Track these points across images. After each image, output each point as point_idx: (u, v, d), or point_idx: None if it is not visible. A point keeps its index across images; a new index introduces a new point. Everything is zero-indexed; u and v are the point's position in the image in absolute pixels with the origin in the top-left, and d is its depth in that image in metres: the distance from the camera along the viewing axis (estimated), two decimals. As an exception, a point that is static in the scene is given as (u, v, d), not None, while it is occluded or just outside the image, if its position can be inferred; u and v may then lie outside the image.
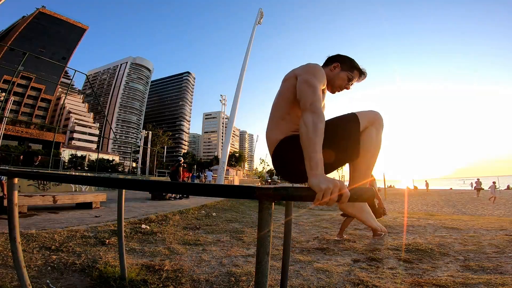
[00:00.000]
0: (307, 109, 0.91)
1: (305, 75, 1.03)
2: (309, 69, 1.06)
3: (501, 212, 10.25)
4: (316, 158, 0.80)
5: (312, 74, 1.03)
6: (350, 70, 1.23)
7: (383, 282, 2.08)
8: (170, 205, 6.67)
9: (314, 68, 1.07)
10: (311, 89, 0.96)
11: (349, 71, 1.23)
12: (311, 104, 0.91)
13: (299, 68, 1.12)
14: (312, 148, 0.81)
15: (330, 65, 1.25)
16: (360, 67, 1.25)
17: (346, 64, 1.23)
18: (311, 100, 0.92)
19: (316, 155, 0.80)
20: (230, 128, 17.27)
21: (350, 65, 1.24)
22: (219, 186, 0.79)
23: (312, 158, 0.80)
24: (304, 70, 1.08)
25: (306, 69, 1.07)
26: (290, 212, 1.47)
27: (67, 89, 48.34)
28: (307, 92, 0.96)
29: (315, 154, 0.80)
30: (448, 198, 17.96)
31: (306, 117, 0.88)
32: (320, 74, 1.06)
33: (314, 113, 0.88)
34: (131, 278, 1.94)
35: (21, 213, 4.24)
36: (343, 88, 1.26)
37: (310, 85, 0.98)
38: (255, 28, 20.35)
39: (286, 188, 0.73)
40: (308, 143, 0.82)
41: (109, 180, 1.40)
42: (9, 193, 1.29)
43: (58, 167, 24.84)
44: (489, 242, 3.37)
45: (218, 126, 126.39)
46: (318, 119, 0.87)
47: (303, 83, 1.01)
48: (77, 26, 71.38)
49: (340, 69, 1.23)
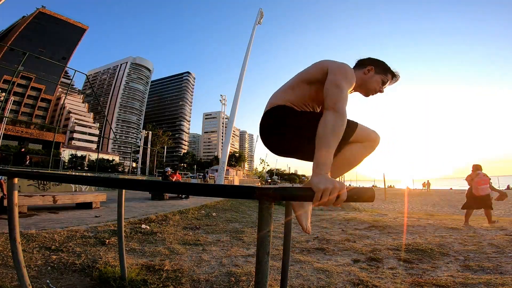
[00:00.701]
0: (331, 108, 0.90)
1: (337, 75, 1.02)
2: (342, 70, 1.05)
3: (501, 212, 10.24)
4: (326, 158, 0.79)
5: (344, 76, 1.02)
6: (383, 73, 1.23)
7: (383, 282, 2.08)
8: (170, 205, 6.68)
9: (346, 70, 1.05)
10: (338, 90, 0.96)
11: (383, 74, 1.23)
12: (335, 103, 0.91)
13: (333, 64, 1.09)
14: (326, 147, 0.81)
15: (363, 69, 1.23)
16: (393, 70, 1.25)
17: (380, 67, 1.23)
18: (335, 100, 0.92)
19: (328, 155, 0.80)
20: (230, 128, 17.26)
21: (384, 68, 1.23)
22: (219, 186, 0.79)
23: (322, 157, 0.79)
24: (337, 69, 1.05)
25: (339, 69, 1.05)
26: (290, 212, 1.47)
27: (67, 89, 48.41)
28: (334, 92, 0.95)
29: (327, 154, 0.80)
30: (448, 198, 17.95)
31: (329, 116, 0.87)
32: (351, 76, 1.05)
33: (337, 113, 0.88)
34: (131, 278, 1.94)
35: (21, 213, 4.24)
36: (377, 91, 1.25)
37: (338, 85, 0.97)
38: (255, 28, 20.34)
39: (286, 188, 0.73)
40: (324, 142, 0.82)
41: (109, 180, 1.40)
42: (9, 193, 1.29)
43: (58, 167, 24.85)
44: (489, 242, 3.37)
45: (218, 126, 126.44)
46: (340, 120, 0.87)
47: (332, 82, 0.99)
48: (77, 26, 71.38)
49: (374, 72, 1.22)
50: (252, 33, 19.95)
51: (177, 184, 0.88)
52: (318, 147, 0.82)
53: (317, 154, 0.81)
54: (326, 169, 0.78)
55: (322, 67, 1.10)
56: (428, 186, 28.05)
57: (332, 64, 1.09)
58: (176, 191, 0.94)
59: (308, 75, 1.14)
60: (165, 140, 63.34)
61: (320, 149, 0.81)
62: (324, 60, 1.14)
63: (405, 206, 13.25)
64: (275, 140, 1.14)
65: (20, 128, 40.68)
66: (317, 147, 0.83)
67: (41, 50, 59.30)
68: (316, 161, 0.79)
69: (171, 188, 1.02)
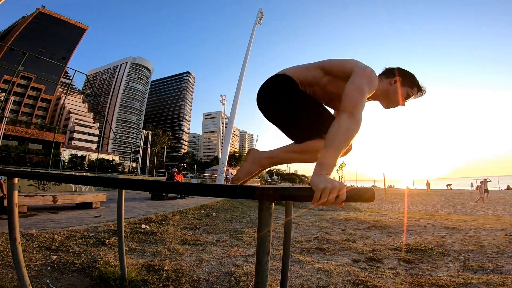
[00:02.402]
0: (348, 112, 0.88)
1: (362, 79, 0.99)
2: (367, 75, 1.01)
3: (501, 212, 10.25)
4: (332, 160, 0.78)
5: (369, 82, 0.99)
6: (410, 87, 1.18)
7: (383, 282, 2.08)
8: (170, 205, 6.67)
9: (371, 76, 1.02)
10: (360, 95, 0.93)
11: (409, 87, 1.18)
12: (354, 107, 0.89)
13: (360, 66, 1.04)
14: (334, 149, 0.80)
15: (390, 79, 1.19)
16: (420, 85, 1.20)
17: (407, 80, 1.18)
18: (355, 104, 0.90)
19: (334, 157, 0.79)
20: (230, 128, 17.26)
21: (411, 81, 1.18)
22: (219, 186, 0.79)
23: (328, 157, 0.78)
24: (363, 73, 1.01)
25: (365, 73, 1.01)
26: (290, 212, 1.47)
27: (67, 89, 48.29)
28: (355, 96, 0.93)
29: (334, 156, 0.79)
30: (448, 198, 17.95)
31: (344, 119, 0.86)
32: (374, 84, 1.02)
33: (353, 118, 0.86)
34: (131, 278, 1.94)
35: (21, 213, 4.24)
36: (399, 104, 1.20)
37: (360, 90, 0.95)
38: (255, 28, 20.34)
39: (286, 188, 0.73)
40: (334, 143, 0.80)
41: (109, 180, 1.40)
42: (9, 193, 1.29)
43: (58, 167, 24.84)
44: (489, 242, 3.37)
45: (218, 126, 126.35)
46: (355, 125, 0.85)
47: (356, 85, 0.96)
48: (77, 26, 71.35)
49: (400, 84, 1.17)
50: (252, 33, 19.96)
51: (177, 184, 0.88)
52: (328, 146, 0.80)
53: (323, 153, 0.79)
54: (328, 170, 0.77)
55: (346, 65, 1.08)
56: (428, 186, 28.02)
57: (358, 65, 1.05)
58: (176, 191, 0.94)
59: (330, 65, 1.13)
60: (165, 140, 63.31)
61: (329, 149, 0.79)
62: (350, 59, 1.11)
63: (405, 206, 13.25)
64: (269, 105, 1.15)
65: (20, 128, 40.66)
66: (326, 147, 0.81)
67: (41, 50, 59.29)
68: (321, 160, 0.78)
69: (171, 188, 1.02)
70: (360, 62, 1.08)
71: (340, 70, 1.09)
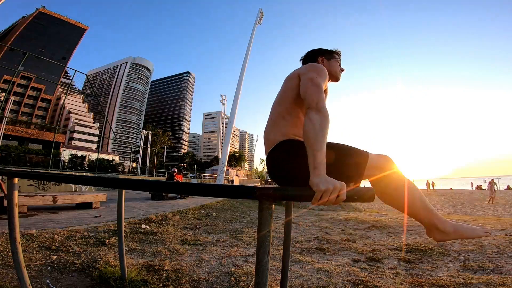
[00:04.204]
0: (314, 108, 0.90)
1: (310, 73, 1.03)
2: (314, 68, 1.06)
3: (501, 212, 10.24)
4: (321, 157, 0.80)
5: (317, 73, 1.03)
6: (331, 55, 1.30)
7: (383, 282, 2.08)
8: (170, 205, 6.67)
9: (318, 67, 1.07)
10: (316, 88, 0.96)
11: (331, 56, 1.30)
12: (317, 103, 0.91)
13: (302, 68, 1.12)
14: (318, 146, 0.81)
15: (317, 62, 1.27)
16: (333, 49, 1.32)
17: (326, 53, 1.30)
18: (317, 99, 0.92)
19: (321, 154, 0.80)
20: (230, 128, 17.27)
21: (327, 51, 1.30)
22: (219, 186, 0.79)
23: (317, 157, 0.79)
24: (308, 69, 1.08)
25: (310, 68, 1.07)
26: (290, 212, 1.48)
27: (67, 89, 48.30)
28: (312, 91, 0.95)
29: (320, 154, 0.80)
30: (448, 198, 17.95)
31: (313, 116, 0.87)
32: (324, 73, 1.06)
33: (321, 112, 0.88)
34: (131, 278, 1.94)
35: (21, 213, 4.24)
36: (340, 71, 1.31)
37: (315, 83, 0.98)
38: (255, 28, 20.36)
39: (286, 188, 0.73)
40: (315, 141, 0.81)
41: (109, 180, 1.40)
42: (9, 193, 1.29)
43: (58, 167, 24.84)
44: (489, 242, 3.36)
45: (218, 126, 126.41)
46: (324, 119, 0.87)
47: (308, 81, 1.00)
48: (77, 26, 71.35)
49: (326, 59, 1.29)
50: (252, 33, 19.98)
51: (177, 184, 0.88)
52: (312, 149, 0.81)
53: (312, 156, 0.80)
54: (323, 169, 0.78)
55: (296, 76, 1.11)
56: (430, 186, 28.05)
57: (301, 67, 1.12)
58: (176, 191, 0.94)
59: (291, 91, 1.11)
60: (165, 140, 63.32)
61: (314, 150, 0.80)
62: (292, 71, 1.16)
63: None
64: (289, 171, 1.05)
65: (20, 128, 40.64)
66: (309, 148, 0.82)
67: (41, 50, 59.30)
68: (313, 163, 0.79)
69: (171, 188, 1.02)
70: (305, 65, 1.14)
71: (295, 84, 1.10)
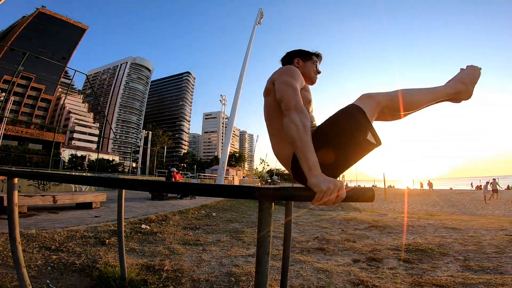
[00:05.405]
0: (292, 109, 0.89)
1: (282, 77, 1.02)
2: (285, 71, 1.06)
3: (501, 212, 10.25)
4: (313, 158, 0.79)
5: (290, 75, 1.02)
6: (308, 57, 1.29)
7: (383, 282, 2.08)
8: (170, 205, 6.68)
9: (289, 69, 1.06)
10: (291, 89, 0.95)
11: (308, 58, 1.29)
12: (295, 104, 0.90)
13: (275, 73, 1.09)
14: (307, 148, 0.80)
15: (293, 63, 1.27)
16: (312, 51, 1.31)
17: (303, 55, 1.29)
18: (294, 100, 0.91)
19: (313, 154, 0.80)
20: (230, 128, 17.26)
21: (305, 53, 1.29)
22: (219, 186, 0.80)
23: (309, 158, 0.79)
24: (280, 73, 1.07)
25: (282, 72, 1.06)
26: (290, 212, 1.48)
27: (67, 89, 48.26)
28: (288, 92, 0.94)
29: (311, 154, 0.79)
30: (448, 198, 17.96)
31: (294, 117, 0.86)
32: (296, 74, 1.05)
33: (301, 112, 0.87)
34: (131, 278, 1.94)
35: (21, 213, 4.24)
36: (316, 74, 1.30)
37: (289, 85, 0.97)
38: (255, 28, 20.33)
39: (286, 188, 0.73)
40: (302, 143, 0.81)
41: (109, 180, 1.40)
42: (9, 193, 1.29)
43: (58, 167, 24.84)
44: (489, 242, 3.37)
45: (218, 126, 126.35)
46: (305, 118, 0.86)
47: (282, 84, 0.99)
48: (77, 26, 71.29)
49: (302, 61, 1.28)
50: (252, 33, 19.95)
51: (177, 184, 0.88)
52: (303, 150, 0.80)
53: (302, 157, 0.80)
54: (318, 168, 0.78)
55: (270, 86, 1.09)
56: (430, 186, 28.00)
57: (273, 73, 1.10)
58: (176, 191, 0.94)
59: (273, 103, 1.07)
60: (165, 140, 63.28)
61: (305, 152, 0.80)
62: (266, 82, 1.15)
63: (405, 206, 13.25)
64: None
65: (20, 128, 40.67)
66: (299, 151, 0.81)
67: (41, 50, 59.23)
68: (307, 164, 0.78)
69: (171, 188, 1.02)
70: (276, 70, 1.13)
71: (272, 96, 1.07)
